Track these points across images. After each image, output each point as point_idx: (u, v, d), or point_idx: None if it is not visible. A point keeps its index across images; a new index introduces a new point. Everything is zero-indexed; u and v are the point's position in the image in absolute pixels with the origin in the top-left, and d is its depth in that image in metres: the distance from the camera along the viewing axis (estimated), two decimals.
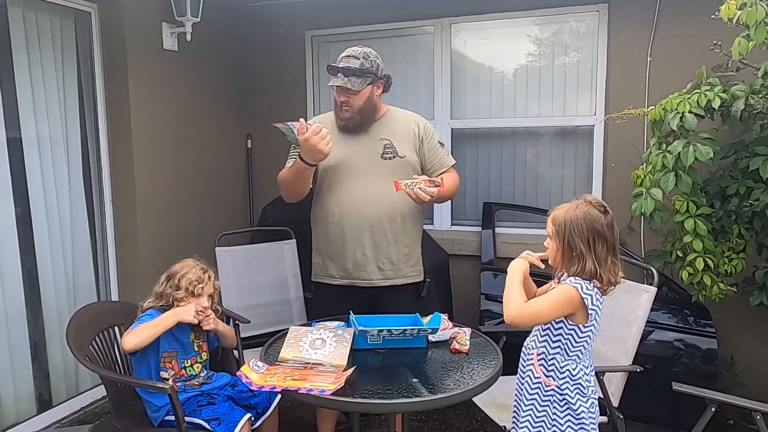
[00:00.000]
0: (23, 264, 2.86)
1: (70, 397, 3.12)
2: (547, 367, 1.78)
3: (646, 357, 2.55)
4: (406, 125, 2.48)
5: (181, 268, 2.30)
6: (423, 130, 2.49)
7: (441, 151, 2.53)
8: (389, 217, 2.39)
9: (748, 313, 3.00)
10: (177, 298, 2.25)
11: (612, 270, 1.71)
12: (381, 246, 2.40)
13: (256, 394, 2.26)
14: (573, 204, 1.75)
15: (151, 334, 2.12)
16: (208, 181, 3.78)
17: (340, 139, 2.39)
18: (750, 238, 2.72)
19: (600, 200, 1.76)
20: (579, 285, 1.68)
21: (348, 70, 2.33)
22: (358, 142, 2.41)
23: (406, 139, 2.45)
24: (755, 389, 2.91)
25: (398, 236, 2.42)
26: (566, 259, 1.73)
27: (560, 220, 1.74)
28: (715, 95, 2.50)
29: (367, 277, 2.43)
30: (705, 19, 2.57)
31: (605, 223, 1.70)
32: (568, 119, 3.62)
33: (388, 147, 2.40)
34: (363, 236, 2.38)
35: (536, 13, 3.57)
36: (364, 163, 2.39)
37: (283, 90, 4.10)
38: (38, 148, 2.92)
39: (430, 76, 3.84)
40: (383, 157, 2.39)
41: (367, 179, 2.38)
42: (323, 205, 2.46)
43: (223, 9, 3.76)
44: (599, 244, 1.69)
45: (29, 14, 2.85)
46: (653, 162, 2.61)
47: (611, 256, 1.71)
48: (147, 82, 3.27)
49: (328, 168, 2.40)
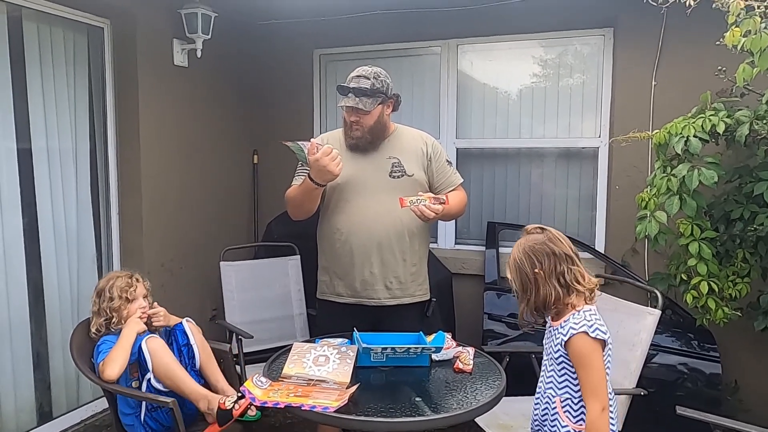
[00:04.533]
0: (29, 274, 2.87)
1: (71, 409, 3.11)
2: (573, 414, 1.68)
3: (649, 380, 2.54)
4: (415, 143, 2.49)
5: (107, 281, 2.33)
6: (431, 149, 2.49)
7: (449, 170, 2.53)
8: (397, 236, 2.39)
9: (752, 337, 2.98)
10: (114, 308, 2.27)
11: (578, 277, 1.67)
12: (389, 264, 2.40)
13: None
14: (516, 243, 1.75)
15: (125, 356, 2.14)
16: (214, 195, 3.81)
17: (348, 157, 2.40)
18: (754, 262, 2.71)
19: (536, 225, 1.76)
20: (583, 328, 1.61)
21: (359, 90, 2.33)
22: (367, 161, 2.42)
23: (414, 157, 2.45)
24: (760, 415, 2.88)
25: (406, 255, 2.42)
26: (528, 293, 1.69)
27: (510, 264, 1.74)
28: (720, 120, 2.52)
29: (374, 296, 2.42)
30: (709, 44, 2.60)
31: (545, 240, 1.70)
32: (572, 141, 3.64)
33: (396, 165, 2.41)
34: (371, 254, 2.38)
35: (542, 36, 3.62)
36: (372, 181, 2.40)
37: (290, 107, 4.14)
38: (47, 160, 2.95)
39: (436, 96, 3.88)
40: (391, 176, 2.40)
41: (375, 197, 2.38)
42: (330, 223, 2.46)
43: (233, 27, 3.82)
44: (548, 262, 1.67)
45: (43, 28, 2.90)
46: (658, 185, 2.62)
47: (567, 264, 1.68)
48: (157, 97, 3.31)
49: (336, 186, 2.40)
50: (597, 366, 1.61)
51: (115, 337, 2.23)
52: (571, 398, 1.69)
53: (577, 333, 1.62)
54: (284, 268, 3.43)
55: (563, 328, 1.66)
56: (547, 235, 1.71)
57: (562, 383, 1.71)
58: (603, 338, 1.62)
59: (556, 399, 1.71)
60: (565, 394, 1.70)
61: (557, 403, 1.71)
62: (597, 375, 1.61)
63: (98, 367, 2.15)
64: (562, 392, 1.70)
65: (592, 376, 1.61)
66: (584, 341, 1.61)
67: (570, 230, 3.67)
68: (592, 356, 1.61)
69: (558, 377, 1.71)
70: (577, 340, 1.62)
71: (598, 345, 1.62)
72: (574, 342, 1.63)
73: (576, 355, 1.63)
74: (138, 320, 2.28)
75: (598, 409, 1.59)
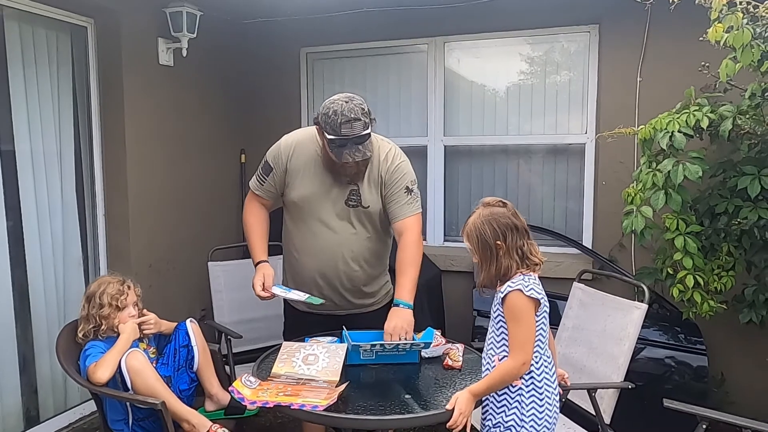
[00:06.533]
0: (14, 277, 2.83)
1: (59, 412, 3.08)
2: None
3: (637, 374, 2.56)
4: (377, 168, 2.30)
5: (98, 286, 2.29)
6: (387, 175, 2.29)
7: (403, 198, 2.30)
8: (344, 263, 2.31)
9: (738, 330, 3.02)
10: (103, 315, 2.24)
11: (532, 250, 1.76)
12: (336, 289, 2.36)
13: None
14: (476, 212, 1.80)
15: (117, 361, 2.12)
16: (201, 195, 3.78)
17: (318, 173, 2.29)
18: (739, 256, 2.75)
19: (496, 198, 1.82)
20: (519, 286, 1.69)
21: (360, 138, 2.12)
22: (332, 181, 2.28)
23: (373, 185, 2.30)
24: (746, 407, 2.92)
25: (356, 281, 2.36)
26: (488, 263, 1.75)
27: (470, 232, 1.78)
28: (704, 115, 2.55)
29: (325, 311, 2.38)
30: (693, 41, 2.62)
31: (509, 214, 1.76)
32: (559, 137, 3.66)
33: (354, 194, 2.28)
34: (317, 279, 2.34)
35: (528, 33, 3.63)
36: (329, 205, 2.29)
37: (277, 106, 4.13)
38: (32, 162, 2.92)
39: (423, 94, 3.88)
40: (347, 204, 2.29)
41: (329, 223, 2.30)
42: (289, 238, 2.43)
43: (219, 25, 3.79)
44: (511, 235, 1.73)
45: (25, 28, 2.87)
46: (643, 180, 2.64)
47: (526, 239, 1.75)
48: (142, 97, 3.28)
49: (293, 203, 2.34)
50: (527, 322, 1.69)
51: (102, 343, 2.22)
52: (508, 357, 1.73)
53: (513, 290, 1.69)
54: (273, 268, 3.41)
55: (503, 289, 1.73)
56: (510, 210, 1.78)
57: (500, 342, 1.76)
58: (536, 297, 1.70)
59: (495, 358, 1.77)
60: (502, 353, 1.75)
61: (495, 362, 1.76)
62: (525, 331, 1.69)
63: (87, 369, 2.13)
64: (500, 351, 1.76)
65: (521, 331, 1.69)
66: (518, 297, 1.69)
67: (557, 226, 3.70)
68: (523, 312, 1.69)
69: (497, 337, 1.77)
70: (512, 297, 1.70)
71: (531, 304, 1.69)
72: (508, 298, 1.71)
73: (509, 309, 1.71)
74: (135, 327, 2.26)
75: (519, 360, 1.68)
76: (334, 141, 2.12)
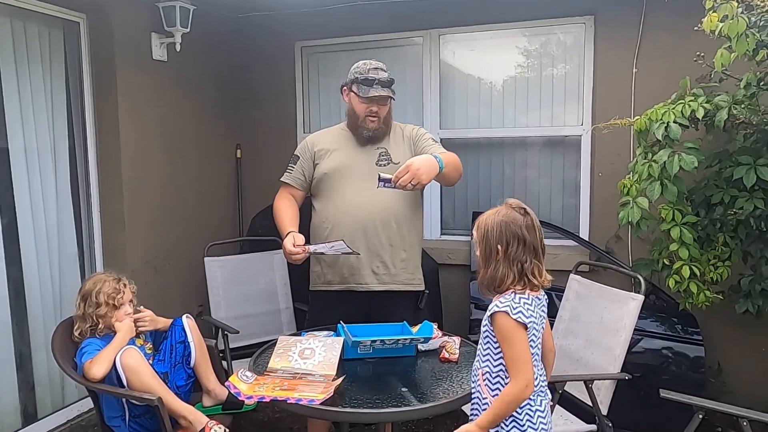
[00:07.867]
0: (9, 274, 2.82)
1: (56, 410, 3.08)
2: (491, 387, 1.70)
3: (634, 365, 2.56)
4: (401, 132, 2.58)
5: (93, 285, 2.28)
6: (414, 133, 2.58)
7: (432, 145, 2.55)
8: (383, 222, 2.42)
9: (734, 320, 3.03)
10: (100, 314, 2.23)
11: (535, 271, 1.68)
12: (375, 249, 2.42)
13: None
14: (495, 209, 1.74)
15: (113, 358, 2.12)
16: (197, 191, 3.77)
17: (345, 145, 2.50)
18: (735, 246, 2.75)
19: (521, 203, 1.74)
20: (506, 308, 1.64)
21: (384, 81, 2.43)
22: (357, 152, 2.50)
23: (401, 145, 2.53)
24: (742, 396, 2.93)
25: (393, 240, 2.44)
26: (486, 263, 1.71)
27: (479, 225, 1.74)
28: (699, 106, 2.54)
29: (362, 281, 2.44)
30: (688, 31, 2.61)
31: (524, 225, 1.68)
32: (555, 129, 3.65)
33: (383, 155, 2.49)
34: (356, 240, 2.39)
35: (523, 24, 3.61)
36: (359, 170, 2.45)
37: (273, 100, 4.11)
38: (25, 158, 2.90)
39: (419, 87, 3.86)
40: (378, 164, 2.46)
41: (361, 185, 2.41)
42: (319, 214, 2.52)
43: (212, 20, 3.77)
44: (515, 246, 1.67)
45: (17, 24, 2.84)
46: (639, 171, 2.64)
47: (531, 257, 1.68)
48: (136, 93, 3.27)
49: (323, 177, 2.48)
50: (518, 344, 1.64)
51: (99, 340, 2.21)
52: (490, 371, 1.70)
53: (500, 311, 1.65)
54: (269, 263, 3.41)
55: (491, 307, 1.69)
56: (526, 221, 1.69)
57: (485, 356, 1.73)
58: (523, 322, 1.64)
59: (479, 371, 1.74)
60: (485, 367, 1.72)
61: (479, 375, 1.73)
62: (518, 351, 1.64)
63: (84, 365, 2.12)
64: (484, 365, 1.72)
65: (514, 352, 1.64)
66: (505, 320, 1.64)
67: (554, 218, 3.69)
68: (512, 334, 1.64)
69: (483, 349, 1.74)
70: (499, 318, 1.65)
71: (519, 326, 1.64)
72: (496, 319, 1.66)
73: (498, 331, 1.67)
74: (131, 324, 2.26)
75: (521, 383, 1.62)
76: (362, 81, 2.43)
